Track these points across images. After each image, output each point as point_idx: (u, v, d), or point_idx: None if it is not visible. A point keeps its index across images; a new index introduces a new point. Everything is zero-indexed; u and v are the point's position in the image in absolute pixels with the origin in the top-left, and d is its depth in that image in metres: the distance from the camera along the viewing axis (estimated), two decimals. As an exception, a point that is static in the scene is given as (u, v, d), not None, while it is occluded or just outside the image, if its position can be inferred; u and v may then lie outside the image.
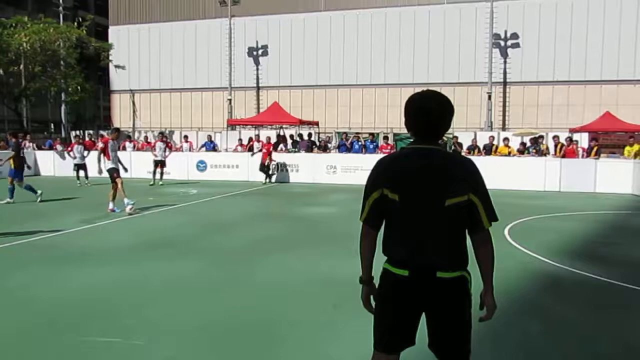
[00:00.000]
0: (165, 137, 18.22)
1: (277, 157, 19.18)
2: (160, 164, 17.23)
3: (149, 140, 22.58)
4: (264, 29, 31.97)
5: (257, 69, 32.31)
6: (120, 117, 34.64)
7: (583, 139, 20.20)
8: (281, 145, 20.81)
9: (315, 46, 31.23)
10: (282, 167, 18.86)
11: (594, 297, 5.38)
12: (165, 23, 33.70)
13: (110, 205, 10.69)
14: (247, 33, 32.02)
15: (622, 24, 27.25)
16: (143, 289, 5.44)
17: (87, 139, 23.54)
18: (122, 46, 33.72)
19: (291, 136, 21.91)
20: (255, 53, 32.09)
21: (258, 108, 31.42)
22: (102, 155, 10.65)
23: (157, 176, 17.19)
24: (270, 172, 18.30)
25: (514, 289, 5.36)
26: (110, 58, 31.45)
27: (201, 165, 19.52)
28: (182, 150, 21.24)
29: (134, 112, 32.74)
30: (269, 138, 19.77)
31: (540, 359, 3.83)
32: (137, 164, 18.12)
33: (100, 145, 11.08)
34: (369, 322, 2.43)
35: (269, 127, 26.05)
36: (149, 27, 33.99)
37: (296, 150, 20.19)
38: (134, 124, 31.95)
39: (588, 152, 17.20)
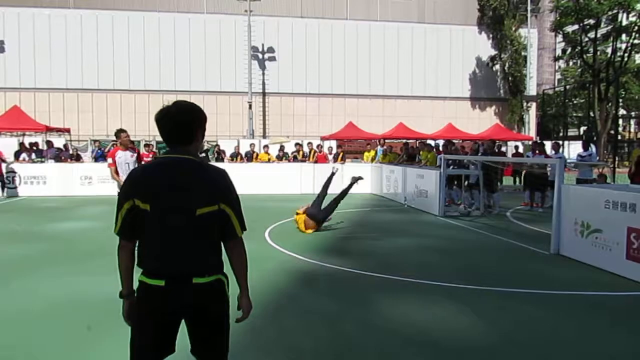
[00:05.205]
0: None
1: (20, 168, 16.78)
2: None
3: None
4: (0, 22, 27.74)
5: (-8, 67, 27.81)
6: None
7: (333, 146, 22.70)
8: (23, 155, 18.22)
9: (65, 46, 28.34)
10: (25, 180, 16.57)
11: (341, 286, 6.10)
12: None
13: None
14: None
15: (359, 47, 31.56)
16: None
17: None
18: None
19: (36, 144, 19.38)
20: (-13, 48, 27.55)
21: (-7, 112, 26.99)
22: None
23: None
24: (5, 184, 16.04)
25: (273, 287, 5.74)
26: None
27: None
28: None
29: None
30: None
31: (294, 347, 4.19)
32: None
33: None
34: (126, 338, 2.34)
35: (9, 134, 22.67)
36: None
37: (42, 160, 17.93)
38: None
39: (335, 158, 19.39)
